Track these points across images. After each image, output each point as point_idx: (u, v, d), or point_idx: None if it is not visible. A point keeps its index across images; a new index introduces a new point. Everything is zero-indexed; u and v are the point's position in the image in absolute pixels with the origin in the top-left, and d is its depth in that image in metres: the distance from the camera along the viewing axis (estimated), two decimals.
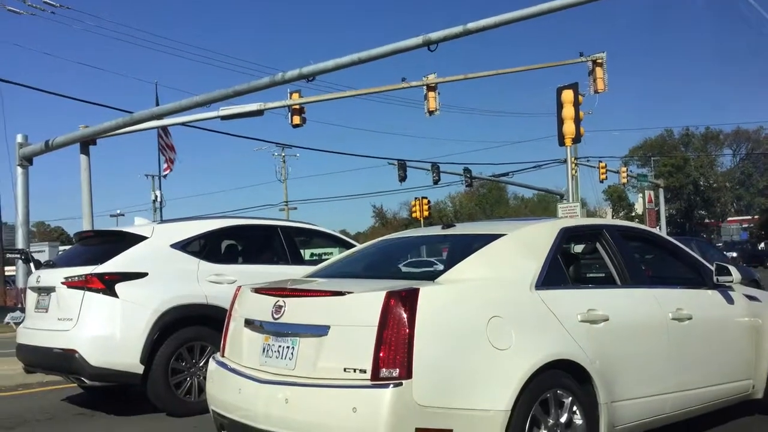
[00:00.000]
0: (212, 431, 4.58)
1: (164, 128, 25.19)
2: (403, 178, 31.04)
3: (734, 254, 28.55)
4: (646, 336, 4.48)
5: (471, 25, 12.97)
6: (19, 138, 18.30)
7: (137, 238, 6.58)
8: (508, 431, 3.47)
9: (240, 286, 4.46)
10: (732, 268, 5.20)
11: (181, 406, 6.27)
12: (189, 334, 6.38)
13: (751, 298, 5.49)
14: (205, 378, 4.79)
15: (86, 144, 15.57)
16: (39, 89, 29.22)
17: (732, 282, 5.21)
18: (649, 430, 4.55)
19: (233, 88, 12.65)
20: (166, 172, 28.95)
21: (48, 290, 6.53)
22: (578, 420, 3.87)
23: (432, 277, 3.86)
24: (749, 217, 67.36)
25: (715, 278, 5.17)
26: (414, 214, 34.49)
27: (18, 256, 16.44)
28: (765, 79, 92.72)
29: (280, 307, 3.85)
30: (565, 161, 21.92)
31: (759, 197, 63.53)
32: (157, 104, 23.52)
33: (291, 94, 16.95)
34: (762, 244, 53.60)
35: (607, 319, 4.17)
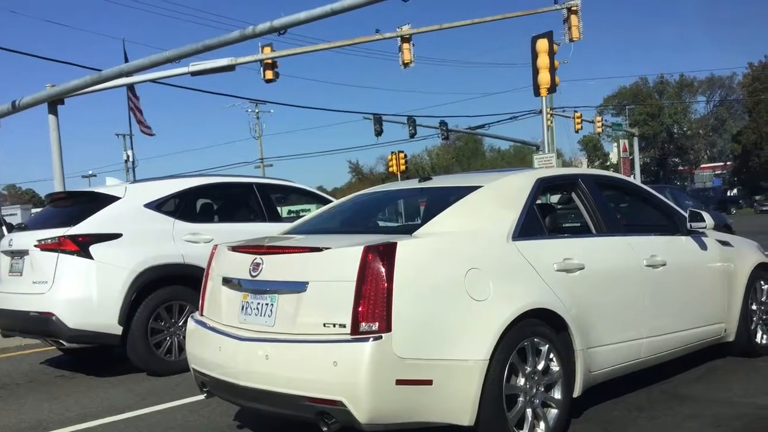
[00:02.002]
0: (194, 389, 4.61)
1: (132, 89, 24.50)
2: (379, 133, 30.78)
3: (690, 202, 28.72)
4: (621, 283, 4.54)
5: None
6: None
7: (110, 199, 6.49)
8: (486, 380, 3.51)
9: (217, 245, 4.43)
10: (705, 214, 5.26)
11: (162, 366, 6.30)
12: (167, 293, 6.37)
13: (723, 243, 5.58)
14: (185, 337, 4.79)
15: (54, 103, 15.14)
16: (4, 48, 28.25)
17: (705, 228, 5.28)
18: (625, 374, 4.66)
19: (203, 42, 12.32)
20: (150, 133, 27.96)
21: (21, 253, 6.44)
22: (555, 367, 3.94)
23: (410, 230, 3.85)
24: (722, 164, 68.21)
25: (688, 224, 5.23)
26: (391, 169, 34.29)
27: None
28: (737, 26, 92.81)
29: (258, 264, 3.83)
30: (541, 112, 21.84)
31: (731, 143, 64.20)
32: (126, 61, 22.88)
33: (262, 48, 16.57)
34: (734, 190, 54.36)
35: (583, 268, 4.21)
